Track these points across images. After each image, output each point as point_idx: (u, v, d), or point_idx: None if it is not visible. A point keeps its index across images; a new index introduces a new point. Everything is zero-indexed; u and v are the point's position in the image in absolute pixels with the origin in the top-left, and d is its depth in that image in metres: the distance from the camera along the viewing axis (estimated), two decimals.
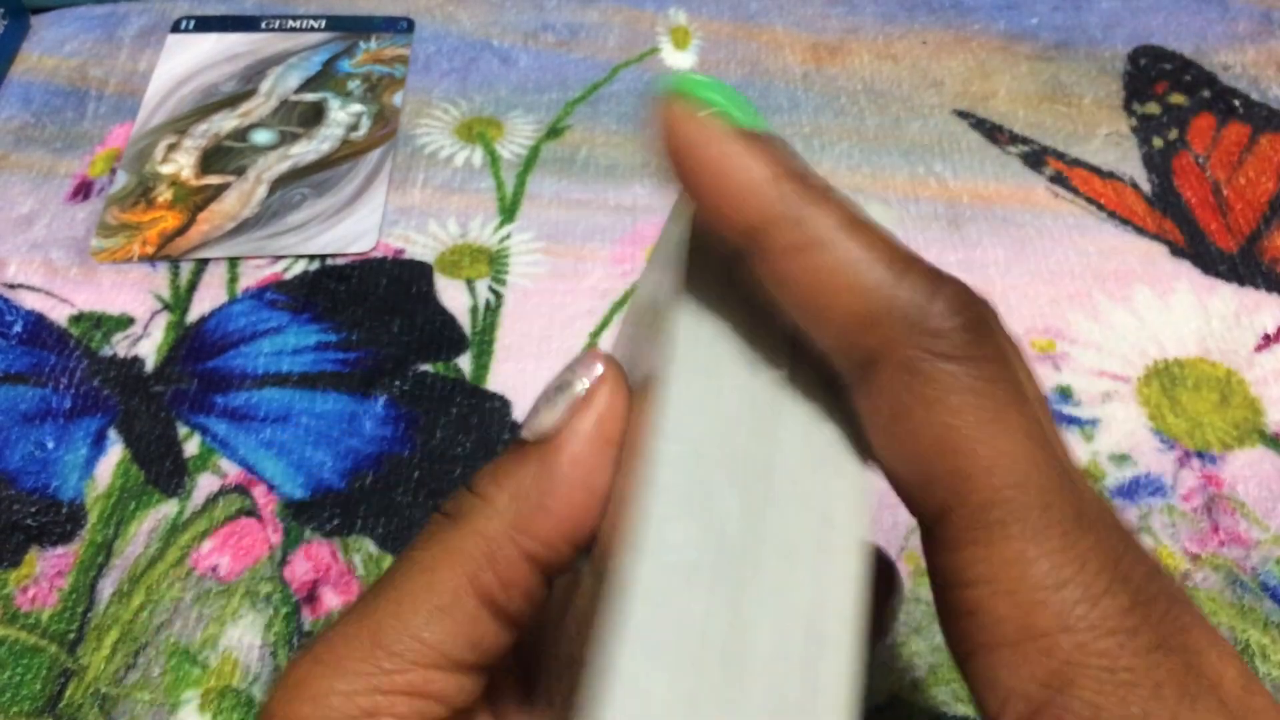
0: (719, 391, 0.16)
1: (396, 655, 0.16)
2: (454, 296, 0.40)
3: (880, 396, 0.15)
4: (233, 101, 0.47)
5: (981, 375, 0.14)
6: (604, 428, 0.17)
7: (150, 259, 0.41)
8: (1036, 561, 0.13)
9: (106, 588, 0.33)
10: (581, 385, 0.17)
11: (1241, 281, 0.41)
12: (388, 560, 0.34)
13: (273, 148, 0.45)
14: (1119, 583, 0.13)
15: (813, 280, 0.15)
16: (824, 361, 0.16)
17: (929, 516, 0.15)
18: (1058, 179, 0.44)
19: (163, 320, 0.39)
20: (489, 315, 0.40)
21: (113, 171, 0.44)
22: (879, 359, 0.14)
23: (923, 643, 0.32)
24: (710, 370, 0.16)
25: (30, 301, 0.40)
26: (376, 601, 0.16)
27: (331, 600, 0.33)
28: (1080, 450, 0.36)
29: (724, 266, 0.16)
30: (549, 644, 0.19)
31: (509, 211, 0.43)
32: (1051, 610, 0.13)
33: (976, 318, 0.15)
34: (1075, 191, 0.44)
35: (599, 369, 0.17)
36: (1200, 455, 0.36)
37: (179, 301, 0.40)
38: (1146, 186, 0.44)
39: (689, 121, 0.15)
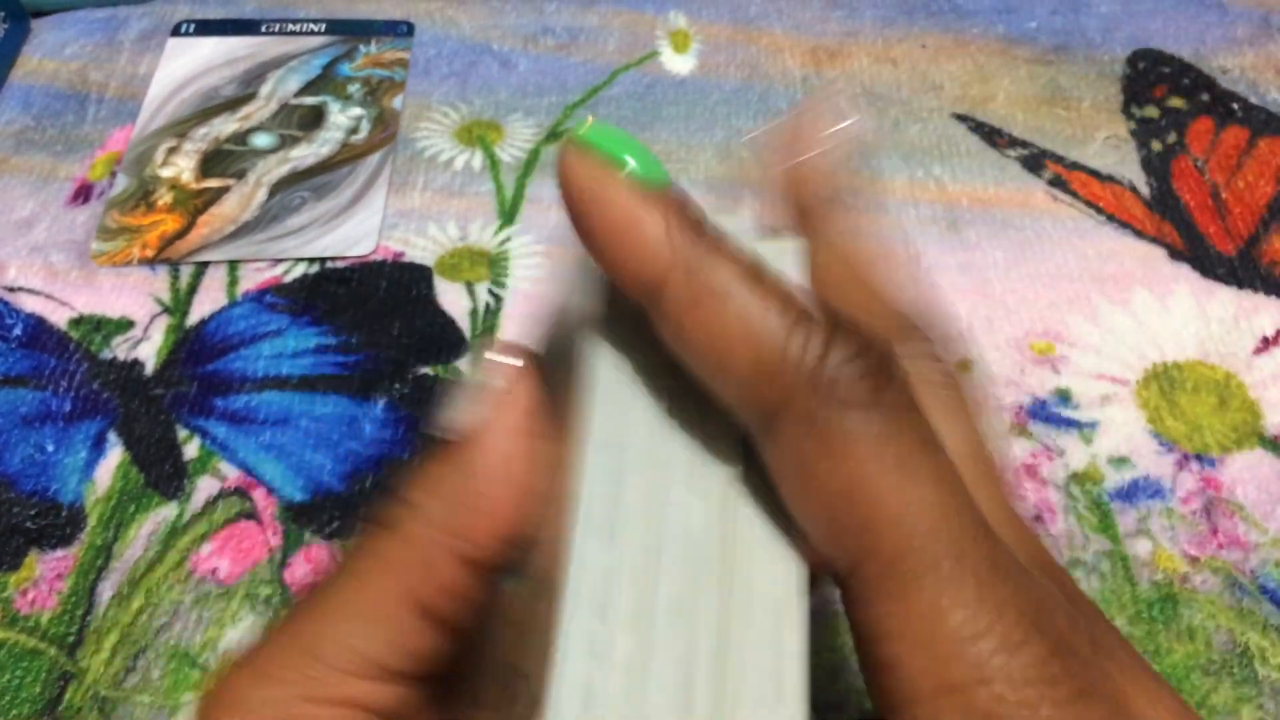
0: (634, 423, 0.16)
1: (327, 665, 0.15)
2: (454, 299, 0.40)
3: (784, 450, 0.14)
4: (233, 105, 0.47)
5: (885, 423, 0.14)
6: (527, 422, 0.17)
7: (150, 262, 0.41)
8: (950, 612, 0.13)
9: (106, 590, 0.33)
10: (500, 380, 0.17)
11: (1240, 284, 0.41)
12: None
13: (273, 151, 0.45)
14: (1038, 632, 0.13)
15: (707, 335, 0.14)
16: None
17: (841, 570, 0.14)
18: (1057, 182, 0.44)
19: (163, 323, 0.40)
20: (489, 318, 0.40)
21: (113, 175, 0.44)
22: (780, 412, 0.14)
23: None
24: (626, 403, 0.16)
25: (30, 304, 0.40)
26: (309, 611, 0.16)
27: None
28: (1079, 453, 0.36)
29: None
30: (483, 646, 0.19)
31: (509, 214, 0.43)
32: (968, 662, 0.13)
33: (876, 364, 0.14)
34: (1074, 195, 0.44)
35: (517, 363, 0.17)
36: (1199, 458, 0.36)
37: (179, 304, 0.40)
38: (1145, 190, 0.44)
39: (586, 174, 0.15)
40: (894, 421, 0.14)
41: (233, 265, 0.41)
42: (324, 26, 0.50)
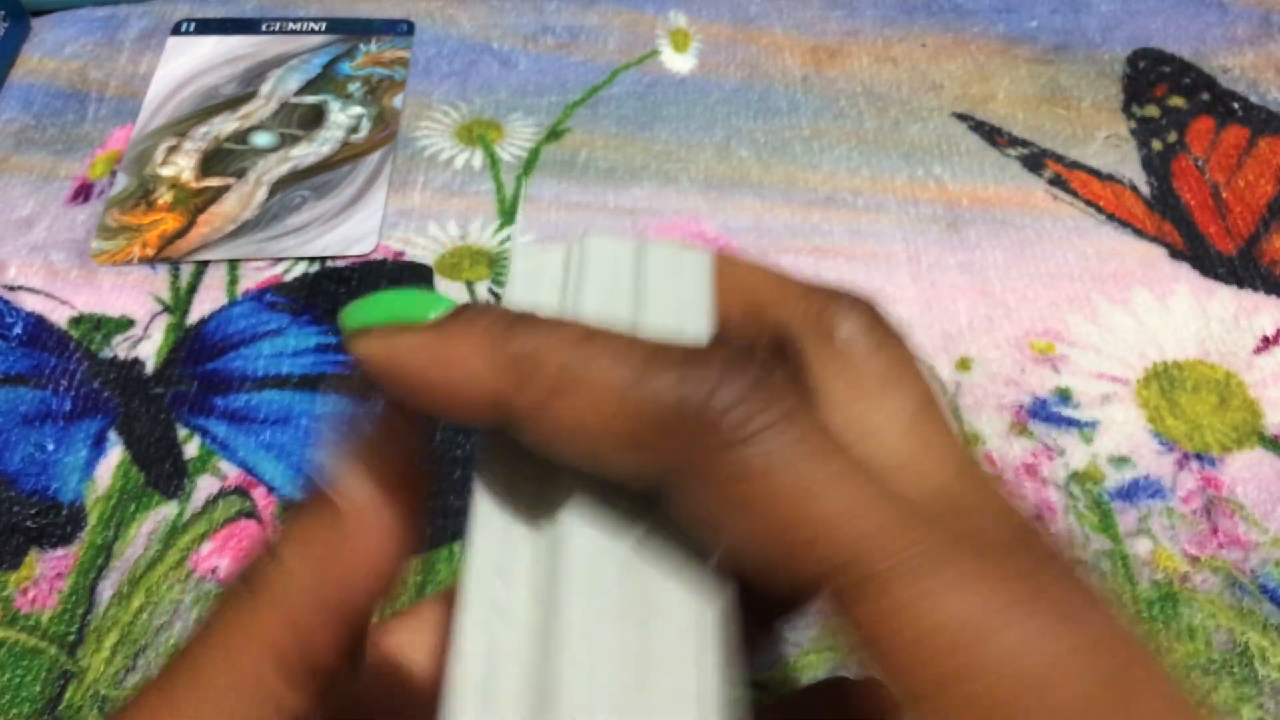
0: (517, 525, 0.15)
1: None
2: (454, 298, 0.40)
3: (699, 500, 0.13)
4: (233, 104, 0.47)
5: (785, 441, 0.13)
6: (386, 471, 0.16)
7: (150, 261, 0.41)
8: (931, 599, 0.12)
9: (106, 589, 0.33)
10: (360, 431, 0.16)
11: (1240, 284, 0.41)
12: None
13: (273, 150, 0.45)
14: (1023, 598, 0.13)
15: (572, 425, 0.13)
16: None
17: (806, 594, 0.13)
18: (1057, 181, 0.44)
19: (163, 322, 0.40)
20: None
21: (113, 174, 0.44)
22: (677, 472, 0.13)
23: None
24: (508, 508, 0.15)
25: (30, 303, 0.40)
26: (175, 678, 0.15)
27: None
28: (1079, 452, 0.36)
29: None
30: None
31: (509, 214, 0.43)
32: (964, 649, 0.12)
33: (754, 383, 0.13)
34: (1074, 194, 0.44)
35: (381, 410, 0.16)
36: (1199, 457, 0.36)
37: (179, 303, 0.40)
38: (1145, 189, 0.44)
39: (372, 351, 0.14)
40: (792, 437, 0.13)
41: (233, 264, 0.41)
42: (324, 25, 0.50)
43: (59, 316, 0.40)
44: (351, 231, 0.42)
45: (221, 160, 0.45)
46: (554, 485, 0.15)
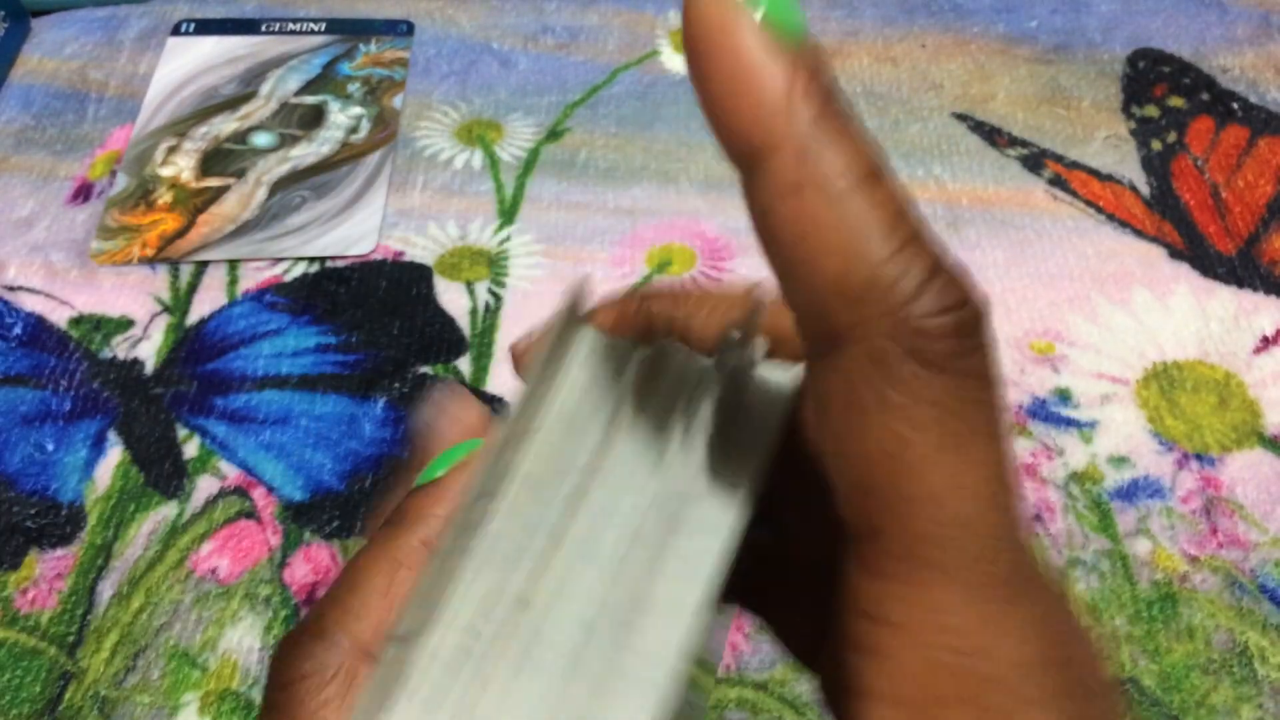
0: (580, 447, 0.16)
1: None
2: (454, 299, 0.40)
3: (838, 382, 0.13)
4: (233, 104, 0.47)
5: (956, 391, 0.12)
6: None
7: (150, 261, 0.41)
8: (957, 614, 0.12)
9: (106, 590, 0.33)
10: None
11: (1240, 284, 0.41)
12: None
13: (273, 150, 0.45)
14: (1055, 664, 0.12)
15: (799, 229, 0.12)
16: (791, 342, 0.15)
17: (858, 529, 0.13)
18: (1056, 181, 0.44)
19: (162, 322, 0.40)
20: (488, 317, 0.40)
21: (113, 174, 0.44)
22: (848, 340, 0.12)
23: None
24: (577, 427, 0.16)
25: (30, 304, 0.40)
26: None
27: None
28: (1079, 452, 0.36)
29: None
30: None
31: (508, 214, 0.43)
32: (962, 678, 0.12)
33: (968, 321, 0.12)
34: (1074, 194, 0.44)
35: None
36: (1199, 457, 0.36)
37: (179, 304, 0.40)
38: (1145, 189, 0.44)
39: (713, 10, 0.13)
40: (966, 393, 0.12)
41: (233, 264, 0.41)
42: (324, 26, 0.50)
43: (59, 317, 0.40)
44: (351, 232, 0.42)
45: (221, 160, 0.45)
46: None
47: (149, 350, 0.39)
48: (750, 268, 0.41)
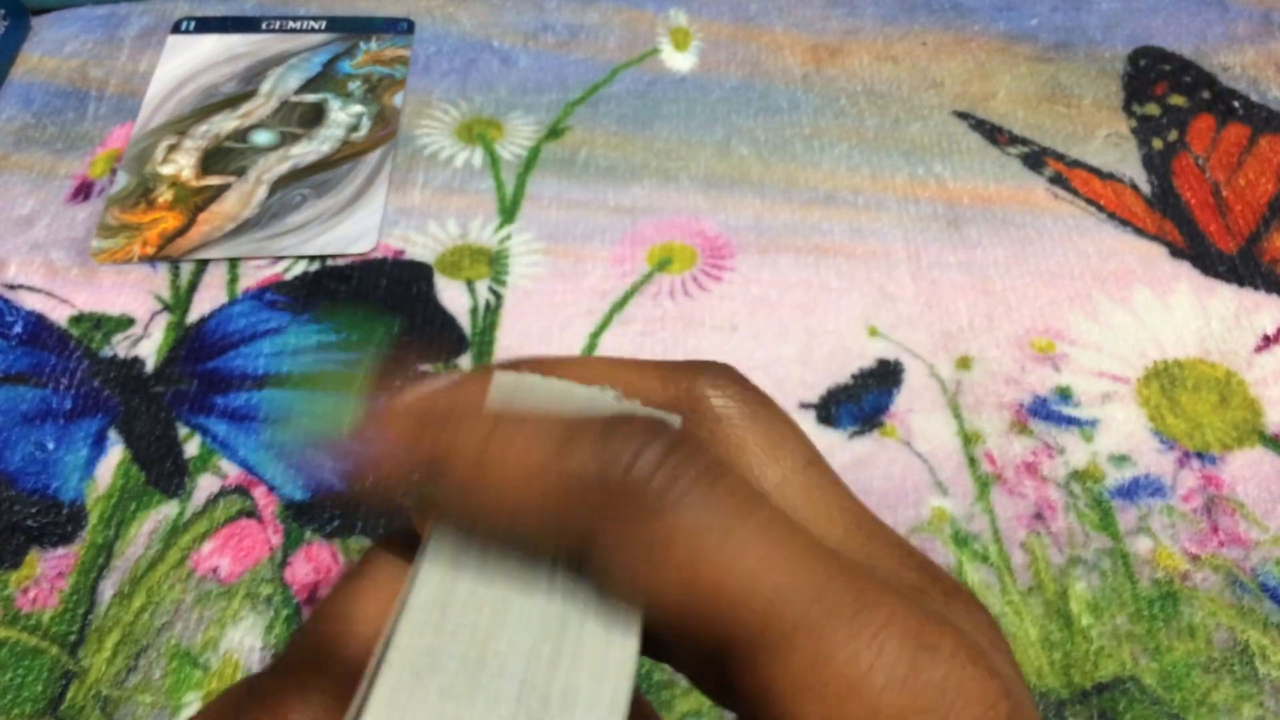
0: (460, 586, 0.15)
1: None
2: (454, 297, 0.40)
3: (613, 563, 0.14)
4: (233, 102, 0.47)
5: (702, 504, 0.13)
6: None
7: (150, 260, 0.41)
8: (833, 655, 0.13)
9: (107, 589, 0.33)
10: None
11: (1241, 282, 0.41)
12: None
13: (273, 148, 0.45)
14: (920, 649, 0.13)
15: (493, 507, 0.13)
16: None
17: (715, 650, 0.14)
18: (1057, 180, 0.44)
19: (163, 321, 0.40)
20: (489, 316, 0.40)
21: (113, 172, 0.44)
22: (601, 539, 0.13)
23: None
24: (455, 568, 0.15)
25: (31, 302, 0.40)
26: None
27: None
28: (1080, 451, 0.36)
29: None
30: None
31: (509, 212, 0.43)
32: (861, 701, 0.12)
33: (671, 445, 0.13)
34: (1075, 192, 0.44)
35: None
36: (1200, 456, 0.36)
37: (179, 302, 0.40)
38: (1146, 187, 0.44)
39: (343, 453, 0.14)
40: (710, 501, 0.13)
41: (233, 263, 0.41)
42: (324, 24, 0.50)
43: (59, 315, 0.40)
44: (351, 230, 0.42)
45: (222, 158, 0.45)
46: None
47: (149, 349, 0.39)
48: (750, 266, 0.41)
